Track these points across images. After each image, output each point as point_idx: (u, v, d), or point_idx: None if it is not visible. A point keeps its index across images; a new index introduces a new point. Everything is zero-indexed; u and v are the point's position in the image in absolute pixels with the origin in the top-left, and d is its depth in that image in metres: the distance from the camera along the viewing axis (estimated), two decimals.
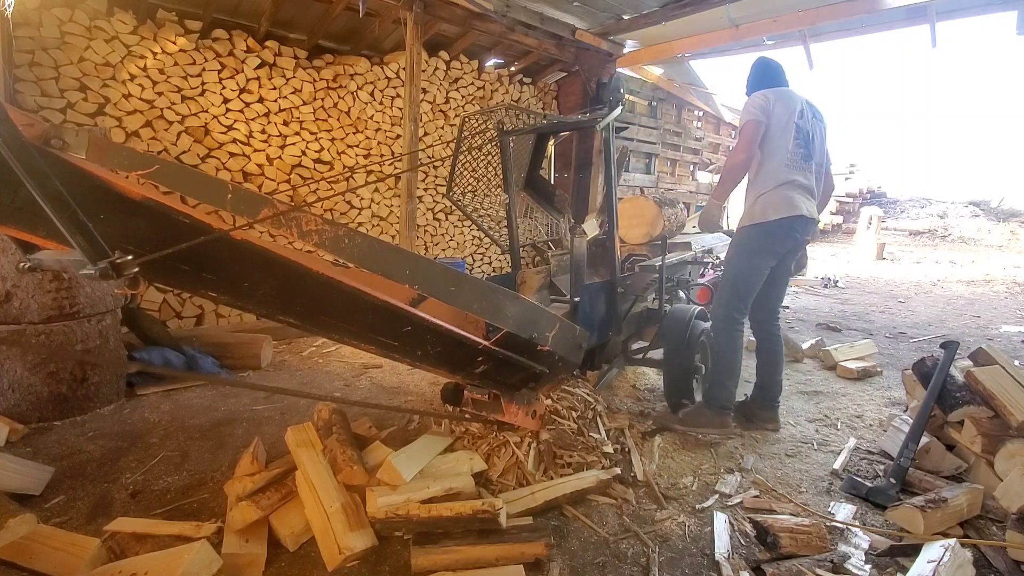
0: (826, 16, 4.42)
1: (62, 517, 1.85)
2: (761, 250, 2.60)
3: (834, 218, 13.32)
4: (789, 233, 2.57)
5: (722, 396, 2.63)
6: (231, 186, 1.35)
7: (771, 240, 2.58)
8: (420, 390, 3.22)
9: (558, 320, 1.86)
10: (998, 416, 2.17)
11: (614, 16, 5.06)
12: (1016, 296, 7.30)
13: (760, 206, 2.56)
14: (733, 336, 2.63)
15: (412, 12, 4.25)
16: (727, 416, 2.64)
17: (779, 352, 2.82)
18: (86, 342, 2.61)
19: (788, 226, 2.54)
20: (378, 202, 5.17)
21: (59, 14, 3.49)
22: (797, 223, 2.55)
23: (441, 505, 1.74)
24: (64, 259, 1.01)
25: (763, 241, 2.59)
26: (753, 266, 2.61)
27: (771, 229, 2.55)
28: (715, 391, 2.65)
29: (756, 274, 2.62)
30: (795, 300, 6.58)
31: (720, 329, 2.66)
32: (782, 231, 2.56)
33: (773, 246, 2.60)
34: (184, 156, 4.05)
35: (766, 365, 2.82)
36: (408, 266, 1.33)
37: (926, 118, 45.00)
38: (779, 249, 2.62)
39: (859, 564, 1.73)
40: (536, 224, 3.68)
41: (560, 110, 6.42)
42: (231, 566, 1.56)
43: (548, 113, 3.35)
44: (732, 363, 2.63)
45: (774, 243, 2.59)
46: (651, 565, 1.71)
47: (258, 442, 2.09)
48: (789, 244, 2.63)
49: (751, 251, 2.61)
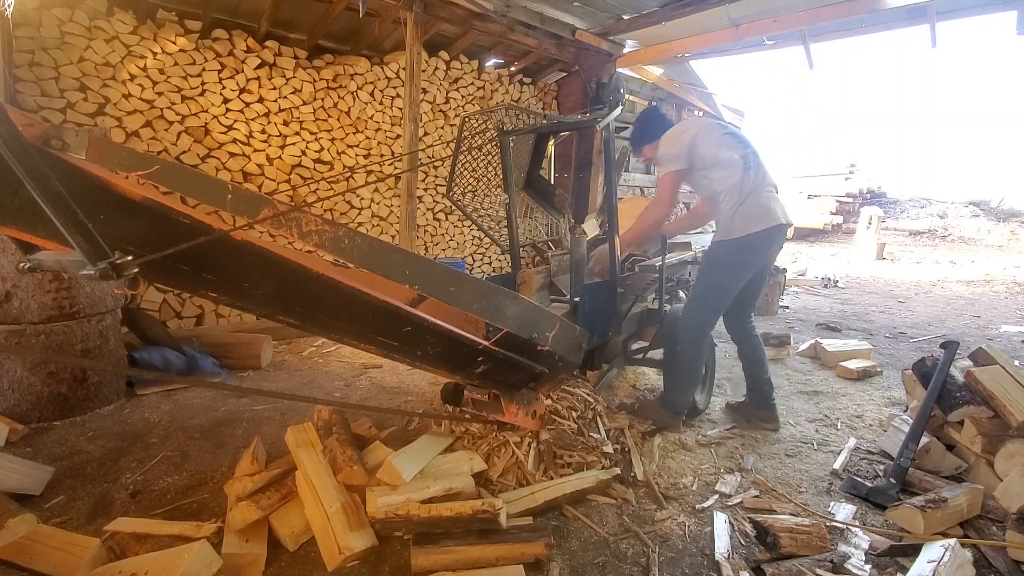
0: (826, 16, 4.42)
1: (62, 517, 1.85)
2: (738, 265, 2.55)
3: (834, 218, 13.31)
4: (768, 244, 2.54)
5: (679, 402, 2.65)
6: (231, 186, 1.36)
7: (750, 255, 2.53)
8: (420, 390, 3.22)
9: (558, 320, 1.86)
10: (998, 416, 2.17)
11: (614, 16, 5.06)
12: (1016, 296, 7.30)
13: (739, 220, 2.48)
14: (700, 348, 2.62)
15: (412, 12, 4.25)
16: (678, 420, 2.67)
17: (760, 351, 2.81)
18: (86, 342, 2.61)
19: (768, 237, 2.50)
20: (378, 202, 5.17)
21: (59, 14, 3.49)
22: (776, 232, 2.51)
23: (441, 505, 1.74)
24: (64, 259, 1.00)
25: (741, 256, 2.53)
26: (728, 281, 2.57)
27: (751, 243, 2.49)
28: (672, 396, 2.66)
29: (730, 289, 2.58)
30: (795, 300, 6.58)
31: (687, 340, 2.63)
32: (761, 243, 2.50)
33: (751, 260, 2.54)
34: (184, 156, 4.05)
35: (751, 366, 2.81)
36: (408, 266, 1.33)
37: (926, 118, 44.97)
38: (757, 262, 2.57)
39: (859, 564, 1.73)
40: (536, 224, 3.68)
41: (560, 110, 6.42)
42: (231, 566, 1.56)
43: (548, 113, 3.34)
44: (694, 373, 2.63)
45: (752, 257, 2.54)
46: (651, 565, 1.71)
47: (258, 442, 2.09)
48: (767, 255, 2.60)
49: (727, 266, 2.56)
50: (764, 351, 2.84)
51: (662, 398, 2.72)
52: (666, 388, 2.73)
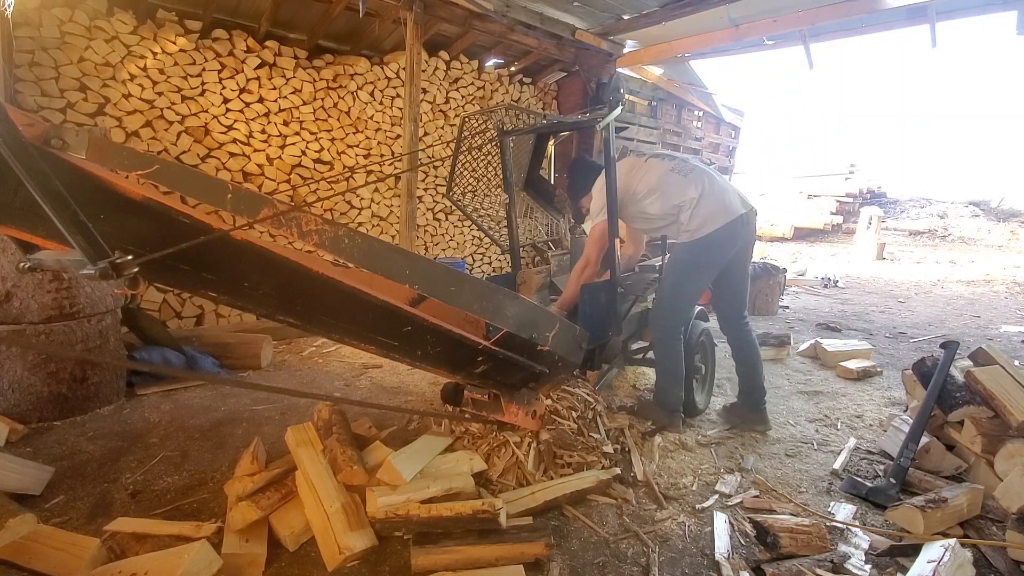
0: (826, 16, 4.43)
1: (62, 517, 1.85)
2: (700, 265, 2.55)
3: (834, 218, 13.30)
4: (731, 239, 2.50)
5: (671, 400, 2.66)
6: (231, 186, 1.36)
7: (711, 253, 2.51)
8: (420, 390, 3.22)
9: (558, 320, 1.86)
10: (998, 416, 2.17)
11: (614, 16, 5.06)
12: (1016, 296, 7.30)
13: (697, 221, 2.48)
14: (673, 347, 2.63)
15: (412, 12, 4.25)
16: (676, 417, 2.68)
17: (754, 355, 2.76)
18: (86, 342, 2.61)
19: (729, 233, 2.48)
20: (378, 202, 5.17)
21: (59, 14, 3.49)
22: (737, 225, 2.48)
23: (441, 505, 1.74)
24: (64, 259, 1.00)
25: (702, 256, 2.51)
26: (689, 281, 2.58)
27: (711, 241, 2.47)
28: (663, 396, 2.68)
29: (693, 289, 2.60)
30: (795, 300, 6.58)
31: (659, 340, 2.66)
32: (722, 240, 2.48)
33: (713, 258, 2.53)
34: (184, 156, 4.05)
35: (744, 369, 2.79)
36: (408, 266, 1.33)
37: (926, 118, 44.94)
38: (721, 259, 2.54)
39: (859, 564, 1.73)
40: (536, 224, 3.68)
41: (560, 110, 6.42)
42: (231, 566, 1.56)
43: (548, 113, 3.34)
44: (675, 370, 2.64)
45: (714, 255, 2.52)
46: (651, 565, 1.71)
47: (258, 442, 2.09)
48: (732, 250, 2.55)
49: (690, 267, 2.56)
50: (759, 354, 2.78)
51: (655, 397, 2.74)
52: (656, 388, 2.75)
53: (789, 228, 12.84)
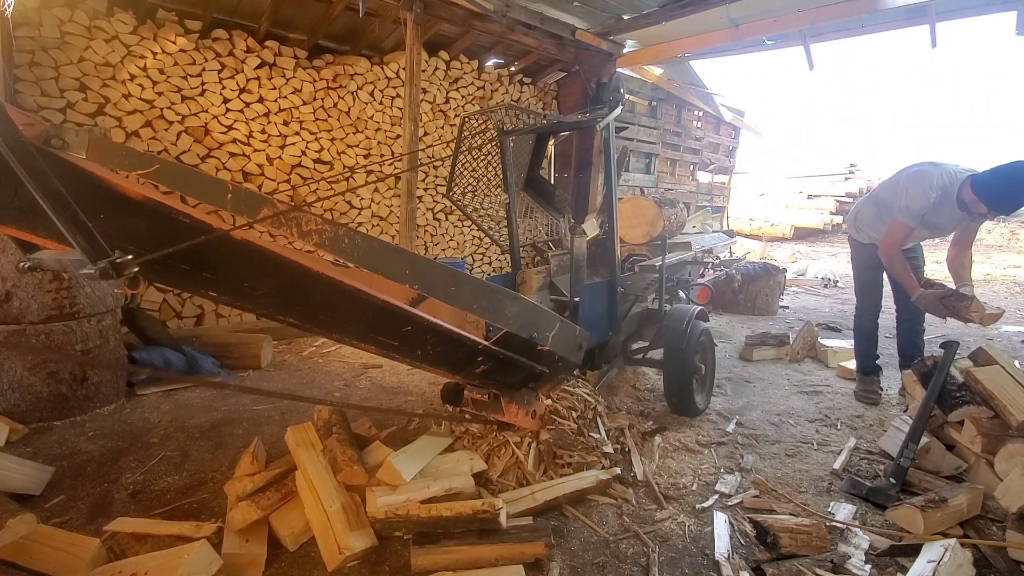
0: (826, 16, 4.42)
1: (62, 517, 1.85)
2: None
3: (834, 218, 13.30)
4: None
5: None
6: (231, 186, 1.36)
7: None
8: (420, 390, 3.22)
9: (558, 320, 1.86)
10: (998, 416, 2.16)
11: (614, 16, 5.06)
12: (1016, 296, 7.29)
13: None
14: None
15: (412, 12, 4.24)
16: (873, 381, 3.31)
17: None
18: (86, 342, 2.61)
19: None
20: (378, 202, 5.17)
21: (59, 14, 3.49)
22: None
23: (441, 505, 1.74)
24: (64, 259, 1.00)
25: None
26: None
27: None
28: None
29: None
30: (795, 300, 6.58)
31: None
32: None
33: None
34: (184, 156, 4.05)
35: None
36: (408, 266, 1.33)
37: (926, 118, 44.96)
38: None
39: (859, 564, 1.73)
40: (536, 224, 3.67)
41: (560, 110, 6.41)
42: (231, 566, 1.56)
43: (548, 113, 3.34)
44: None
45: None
46: (651, 565, 1.71)
47: (258, 442, 2.09)
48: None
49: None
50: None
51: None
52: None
53: (789, 228, 12.84)
